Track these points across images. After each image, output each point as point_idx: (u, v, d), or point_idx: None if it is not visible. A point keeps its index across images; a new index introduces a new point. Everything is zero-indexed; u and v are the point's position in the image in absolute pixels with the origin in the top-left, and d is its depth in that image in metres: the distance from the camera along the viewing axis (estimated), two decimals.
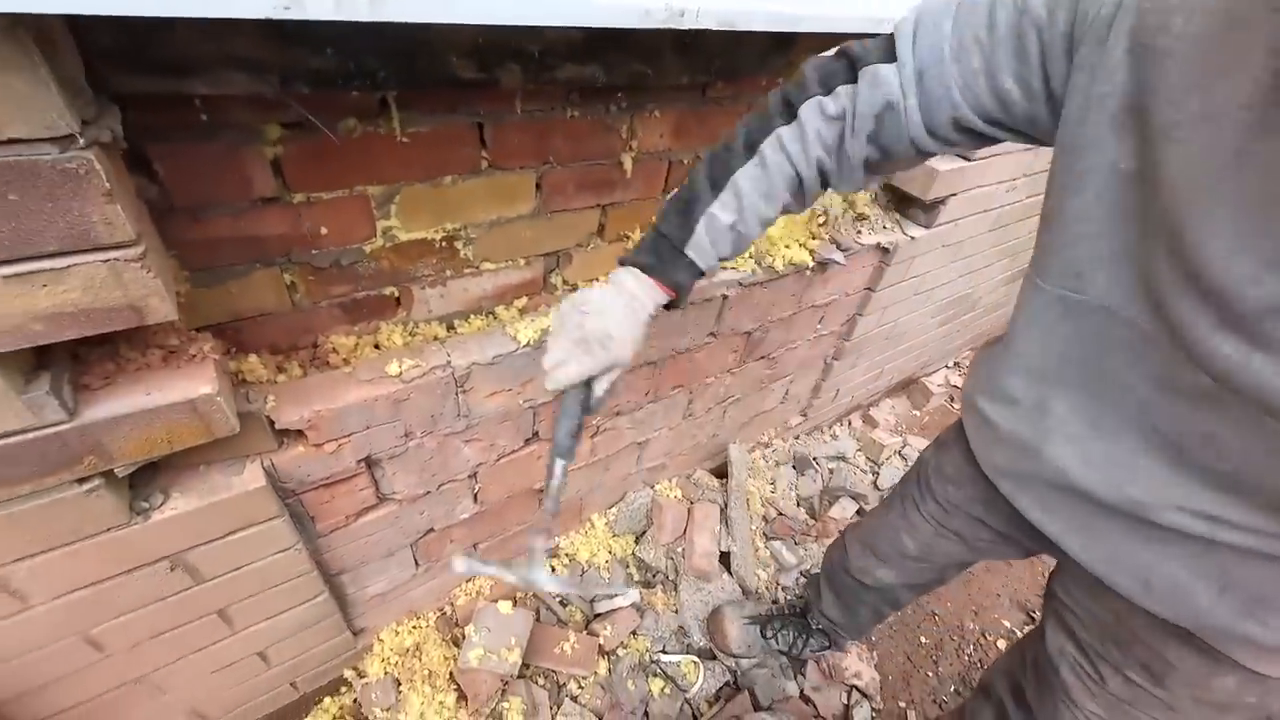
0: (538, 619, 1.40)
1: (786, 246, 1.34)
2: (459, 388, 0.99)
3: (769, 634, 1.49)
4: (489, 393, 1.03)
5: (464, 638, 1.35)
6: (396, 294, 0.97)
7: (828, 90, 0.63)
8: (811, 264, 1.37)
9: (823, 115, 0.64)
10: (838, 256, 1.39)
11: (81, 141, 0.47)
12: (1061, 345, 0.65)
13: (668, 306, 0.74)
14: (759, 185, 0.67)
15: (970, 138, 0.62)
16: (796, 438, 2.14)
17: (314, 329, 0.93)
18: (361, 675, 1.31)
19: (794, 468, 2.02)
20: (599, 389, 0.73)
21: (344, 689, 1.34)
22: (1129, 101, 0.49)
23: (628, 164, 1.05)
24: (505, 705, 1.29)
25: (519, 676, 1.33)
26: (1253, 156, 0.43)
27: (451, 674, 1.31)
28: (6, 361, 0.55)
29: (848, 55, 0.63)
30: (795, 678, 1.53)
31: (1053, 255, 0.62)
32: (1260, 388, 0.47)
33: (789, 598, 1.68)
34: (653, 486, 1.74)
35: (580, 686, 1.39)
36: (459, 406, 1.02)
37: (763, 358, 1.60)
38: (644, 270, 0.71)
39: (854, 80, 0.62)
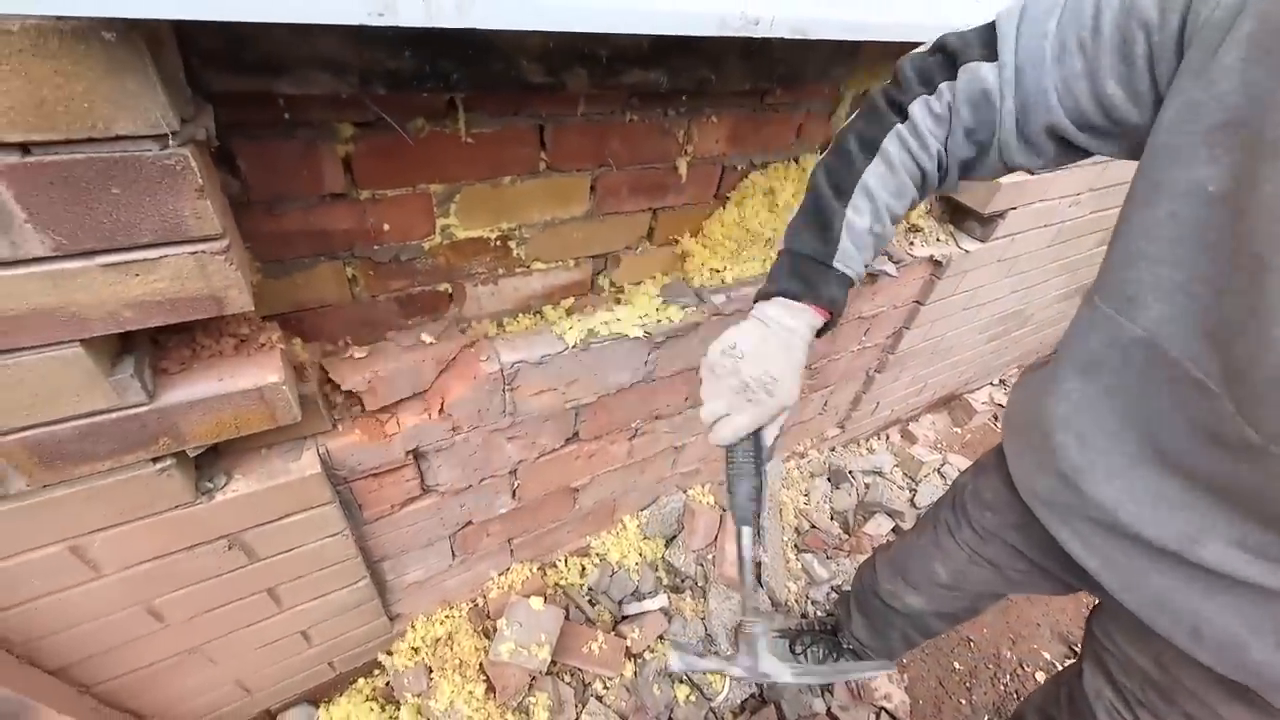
0: (567, 617, 1.41)
1: None
2: (506, 385, 1.00)
3: (798, 650, 1.46)
4: (534, 391, 1.04)
5: (495, 630, 1.37)
6: (450, 290, 0.99)
7: (931, 88, 0.61)
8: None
9: (931, 113, 0.62)
10: (889, 268, 1.35)
11: (179, 139, 0.49)
12: (1107, 375, 0.62)
13: (823, 330, 0.71)
14: (888, 184, 0.65)
15: (1060, 148, 0.59)
16: (833, 449, 2.10)
17: (371, 321, 0.95)
18: (395, 660, 1.34)
19: (829, 480, 1.98)
20: (769, 437, 0.69)
21: (377, 671, 1.37)
22: (1234, 115, 0.45)
23: (682, 168, 1.05)
24: (532, 700, 1.31)
25: (547, 673, 1.34)
26: (1266, 177, 0.40)
27: (481, 665, 1.33)
28: (97, 345, 0.58)
29: (945, 50, 0.61)
30: (823, 695, 1.51)
31: (1110, 273, 0.59)
32: None
33: (819, 613, 1.66)
34: (686, 491, 1.73)
35: (606, 687, 1.39)
36: (505, 403, 1.03)
37: (804, 367, 1.57)
38: (794, 298, 0.67)
39: (954, 77, 0.60)
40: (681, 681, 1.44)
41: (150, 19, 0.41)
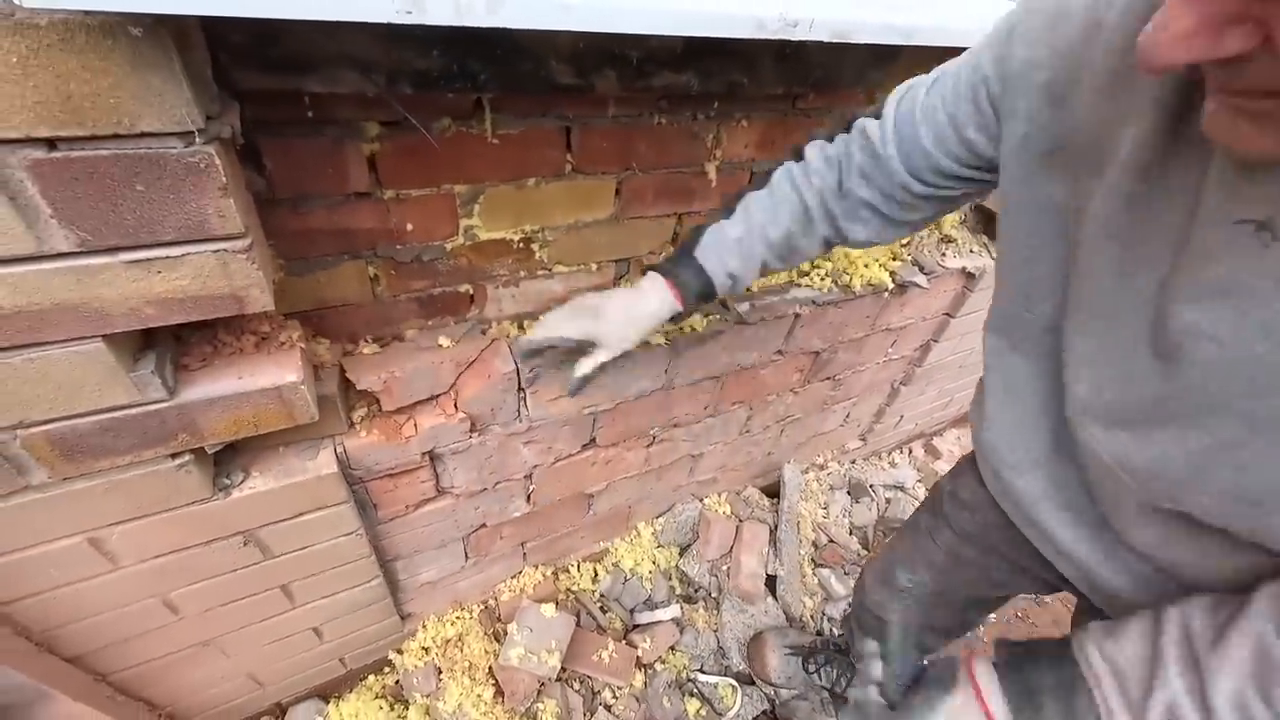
0: (578, 624, 1.39)
1: (866, 266, 1.28)
2: (523, 388, 0.99)
3: (811, 668, 1.43)
4: (552, 396, 1.03)
5: (505, 633, 1.36)
6: (471, 292, 0.98)
7: (829, 139, 0.72)
8: (891, 285, 1.30)
9: (822, 155, 0.72)
10: (920, 279, 1.31)
11: (205, 137, 0.49)
12: (1000, 375, 0.70)
13: (678, 318, 0.81)
14: (764, 206, 0.75)
15: (955, 181, 0.67)
16: (854, 462, 2.05)
17: (391, 321, 0.95)
18: (405, 659, 1.34)
19: (849, 494, 1.94)
20: (579, 369, 0.79)
21: (387, 670, 1.37)
22: (1054, 144, 0.54)
23: (711, 172, 1.03)
24: (540, 706, 1.29)
25: (556, 679, 1.32)
26: (1136, 203, 0.47)
27: (491, 668, 1.32)
28: (119, 341, 0.58)
29: (854, 114, 0.73)
30: (836, 714, 1.47)
31: (1001, 285, 0.68)
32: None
33: (834, 630, 1.62)
34: (702, 500, 1.71)
35: (615, 696, 1.38)
36: (521, 407, 1.02)
37: (828, 379, 1.53)
38: (657, 271, 0.79)
39: (848, 130, 0.72)
40: (692, 695, 1.42)
41: (178, 15, 0.40)
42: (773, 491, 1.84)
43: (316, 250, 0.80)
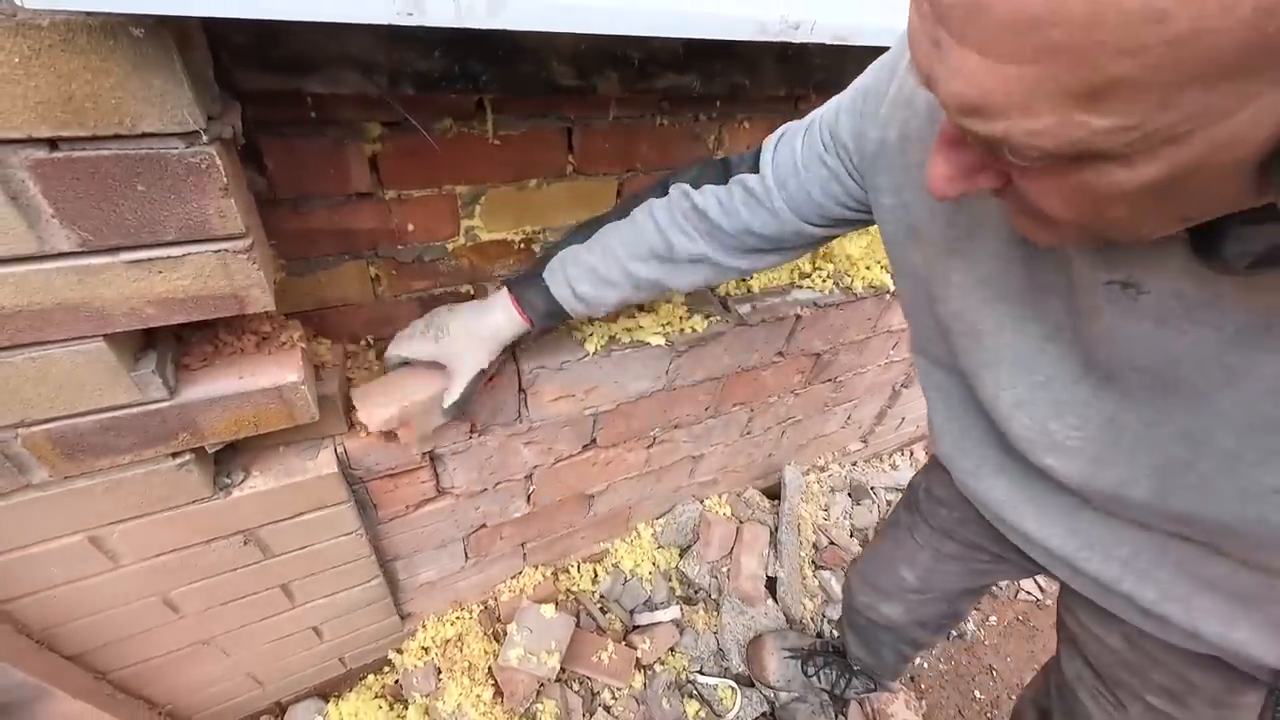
0: (578, 624, 1.39)
1: (867, 268, 1.28)
2: (524, 389, 0.99)
3: (810, 671, 1.42)
4: (553, 397, 1.03)
5: (505, 633, 1.36)
6: (472, 292, 0.98)
7: (696, 186, 0.70)
8: (892, 288, 1.30)
9: (689, 201, 0.70)
10: None
11: (206, 137, 0.49)
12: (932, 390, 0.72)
13: (530, 335, 0.81)
14: (624, 237, 0.73)
15: (856, 219, 0.68)
16: (854, 464, 2.05)
17: (392, 321, 0.95)
18: (404, 659, 1.34)
19: (850, 495, 1.94)
20: (445, 400, 0.80)
21: (387, 669, 1.37)
22: (907, 220, 0.58)
23: None
24: (540, 706, 1.29)
25: (555, 680, 1.32)
26: (1014, 267, 0.51)
27: (490, 668, 1.32)
28: (120, 341, 0.58)
29: (726, 162, 0.71)
30: (836, 718, 1.47)
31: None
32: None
33: (834, 632, 1.61)
34: (702, 501, 1.70)
35: (614, 697, 1.37)
36: (521, 408, 1.02)
37: (829, 380, 1.53)
38: (509, 286, 0.78)
39: (724, 183, 0.70)
40: (691, 696, 1.41)
41: (180, 16, 0.40)
42: (773, 493, 1.83)
43: (317, 250, 0.80)
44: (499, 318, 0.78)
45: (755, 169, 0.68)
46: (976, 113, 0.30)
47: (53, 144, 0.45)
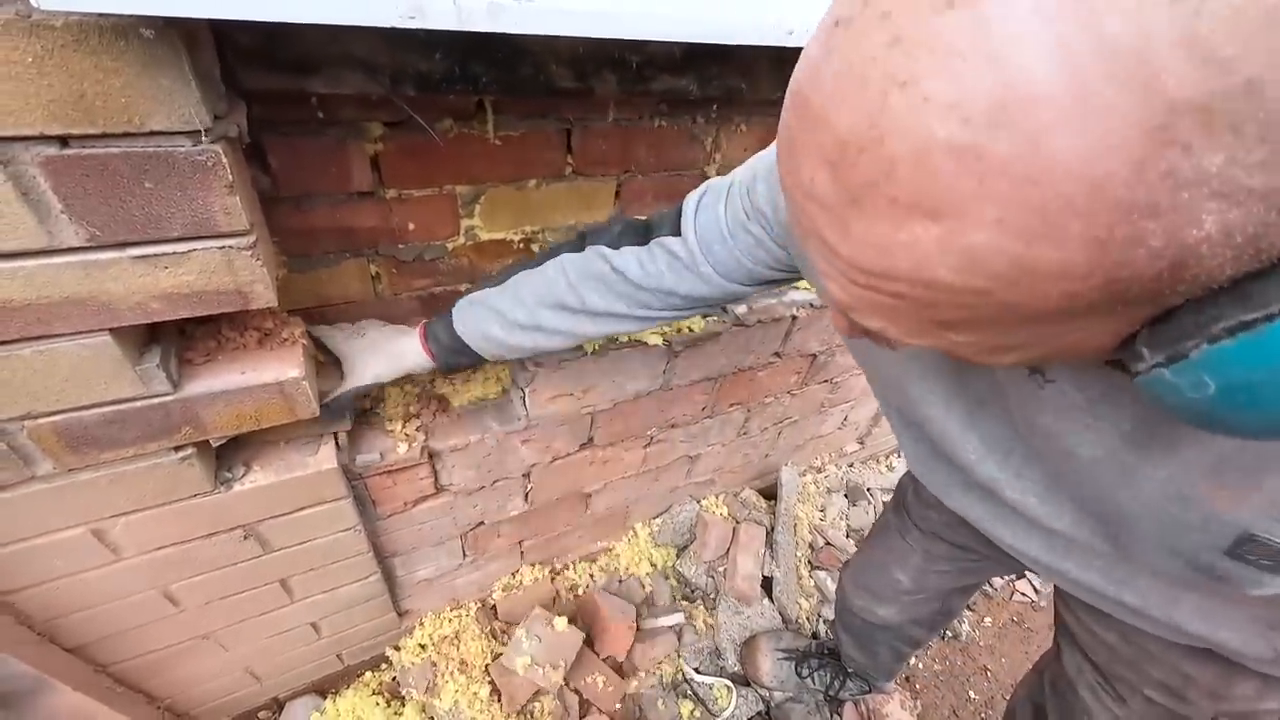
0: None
1: None
2: (522, 388, 1.00)
3: (804, 672, 1.43)
4: (550, 396, 1.04)
5: (503, 630, 1.36)
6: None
7: (615, 247, 0.68)
8: None
9: (607, 264, 0.68)
10: None
11: (212, 136, 0.50)
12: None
13: (447, 371, 0.84)
14: (534, 286, 0.72)
15: (781, 283, 0.68)
16: (851, 465, 2.06)
17: (392, 318, 0.96)
18: (402, 655, 1.35)
19: (846, 496, 1.94)
20: (330, 397, 0.81)
21: (384, 666, 1.38)
22: None
23: (711, 175, 1.04)
24: (537, 705, 1.30)
25: None
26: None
27: (487, 667, 1.32)
28: (125, 335, 0.59)
29: (647, 223, 0.69)
30: (831, 718, 1.47)
31: None
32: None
33: (829, 633, 1.62)
34: (699, 501, 1.71)
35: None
36: (520, 406, 1.03)
37: (826, 381, 1.54)
38: (424, 324, 0.81)
39: (645, 244, 0.67)
40: (686, 696, 1.42)
41: (189, 18, 0.41)
42: (770, 493, 1.84)
43: (319, 248, 0.81)
44: (405, 344, 0.81)
45: (677, 231, 0.66)
46: (849, 309, 0.32)
47: (63, 141, 0.46)
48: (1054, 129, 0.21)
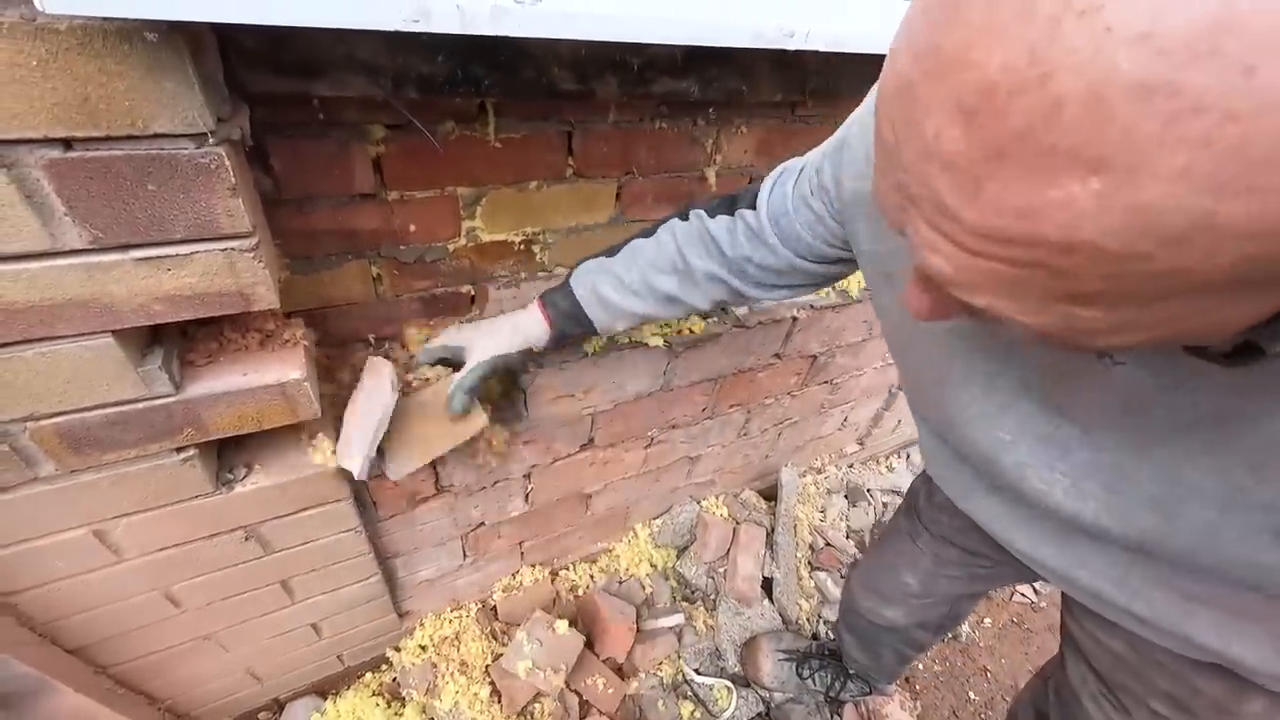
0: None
1: None
2: (522, 389, 1.00)
3: (805, 673, 1.43)
4: (551, 397, 1.04)
5: (504, 631, 1.36)
6: (472, 292, 0.99)
7: (712, 215, 0.74)
8: None
9: (702, 224, 0.74)
10: None
11: (215, 138, 0.50)
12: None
13: (558, 344, 0.86)
14: (649, 254, 0.77)
15: (847, 263, 0.70)
16: (851, 466, 2.06)
17: (394, 320, 0.96)
18: (402, 656, 1.35)
19: (846, 497, 1.95)
20: (452, 384, 0.83)
21: (385, 667, 1.38)
22: (883, 267, 0.59)
23: (711, 177, 1.04)
24: (537, 706, 1.30)
25: None
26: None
27: (487, 668, 1.33)
28: (127, 337, 0.59)
29: (735, 196, 0.74)
30: (831, 719, 1.47)
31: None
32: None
33: (829, 634, 1.62)
34: (699, 502, 1.71)
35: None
36: (521, 407, 1.03)
37: (826, 382, 1.54)
38: (540, 296, 0.84)
39: (731, 214, 0.73)
40: (686, 697, 1.42)
41: (193, 21, 0.42)
42: (770, 494, 1.84)
43: (321, 250, 0.81)
44: (522, 317, 0.83)
45: (754, 205, 0.71)
46: (956, 286, 0.29)
47: (67, 144, 0.46)
48: (1274, 51, 0.18)
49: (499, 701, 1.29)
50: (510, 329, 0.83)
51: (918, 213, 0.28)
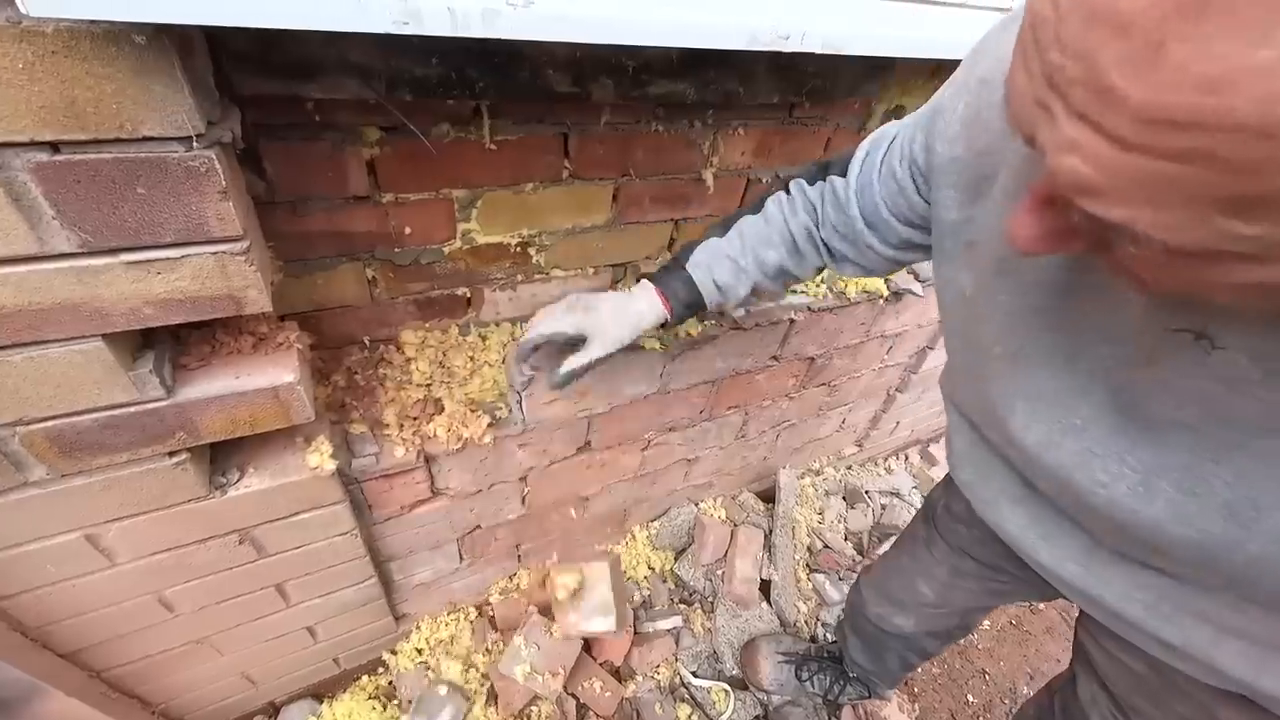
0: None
1: None
2: (518, 391, 0.99)
3: (804, 676, 1.43)
4: (548, 399, 1.04)
5: (500, 635, 1.36)
6: (468, 295, 0.99)
7: (811, 180, 0.76)
8: (886, 293, 1.31)
9: (803, 194, 0.76)
10: (915, 287, 1.32)
11: (205, 141, 0.50)
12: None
13: (667, 325, 0.83)
14: (758, 229, 0.78)
15: (914, 248, 0.70)
16: (849, 468, 2.06)
17: (389, 323, 0.96)
18: (398, 660, 1.34)
19: (844, 499, 1.94)
20: (567, 364, 0.80)
21: (381, 670, 1.37)
22: (966, 236, 0.57)
23: (708, 179, 1.04)
24: (534, 709, 1.29)
25: None
26: (1068, 298, 0.49)
27: (485, 671, 1.32)
28: (118, 340, 0.59)
29: (828, 162, 0.76)
30: None
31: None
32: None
33: (828, 636, 1.62)
34: (697, 504, 1.71)
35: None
36: (517, 410, 1.02)
37: (824, 384, 1.54)
38: (650, 279, 0.82)
39: (826, 180, 0.75)
40: (684, 701, 1.42)
41: (180, 24, 0.41)
42: (768, 496, 1.84)
43: (315, 252, 0.81)
44: (641, 305, 0.80)
45: (845, 173, 0.72)
46: (1092, 194, 0.26)
47: (54, 147, 0.46)
48: None
49: (496, 705, 1.28)
50: (635, 317, 0.80)
51: (1063, 105, 0.26)
